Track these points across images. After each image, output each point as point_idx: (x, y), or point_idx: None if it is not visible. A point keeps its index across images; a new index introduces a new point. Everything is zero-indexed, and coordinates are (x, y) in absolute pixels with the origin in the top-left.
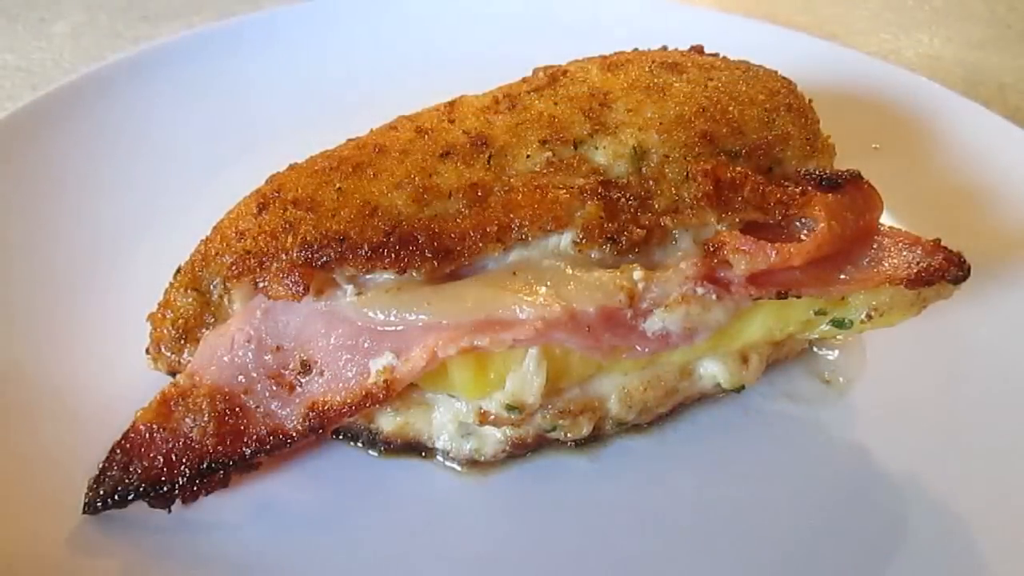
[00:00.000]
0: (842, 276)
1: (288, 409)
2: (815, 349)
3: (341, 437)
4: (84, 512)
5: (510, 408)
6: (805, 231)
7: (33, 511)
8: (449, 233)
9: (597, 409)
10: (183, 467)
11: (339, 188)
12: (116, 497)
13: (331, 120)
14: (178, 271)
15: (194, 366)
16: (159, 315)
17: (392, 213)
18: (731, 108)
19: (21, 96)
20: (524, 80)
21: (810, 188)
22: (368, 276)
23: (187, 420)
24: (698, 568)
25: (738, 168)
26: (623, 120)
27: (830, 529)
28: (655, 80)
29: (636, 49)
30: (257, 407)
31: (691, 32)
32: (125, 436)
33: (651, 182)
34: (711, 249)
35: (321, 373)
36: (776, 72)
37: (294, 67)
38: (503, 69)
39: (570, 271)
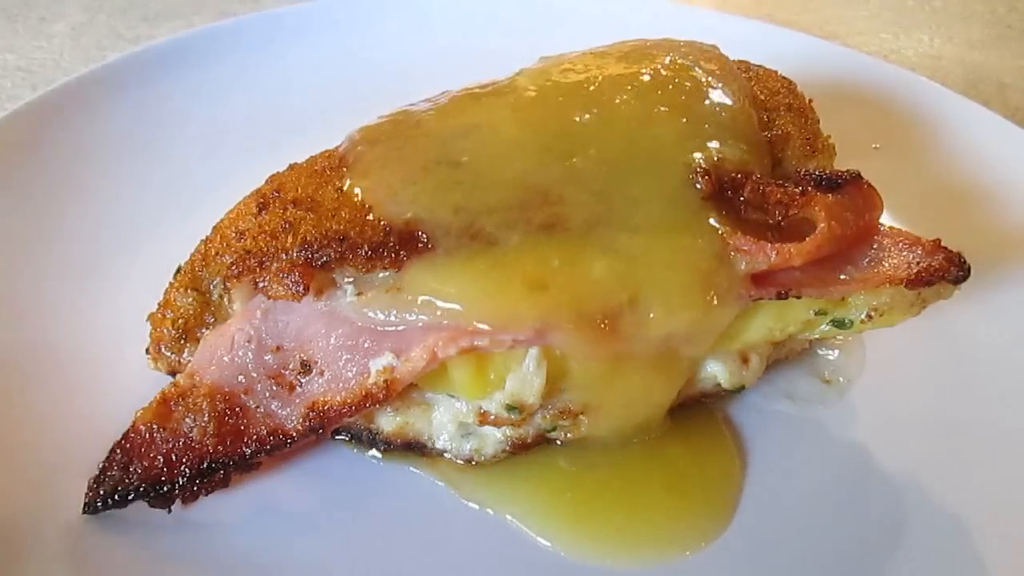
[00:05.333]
0: (842, 276)
1: (288, 409)
2: (815, 349)
3: (341, 437)
4: (84, 512)
5: (510, 408)
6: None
7: (33, 511)
8: None
9: None
10: (183, 467)
11: (339, 188)
12: (116, 497)
13: (331, 120)
14: (178, 271)
15: (194, 366)
16: (159, 315)
17: None
18: None
19: (21, 96)
20: None
21: (810, 188)
22: (368, 276)
23: (187, 420)
24: (697, 567)
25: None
26: None
27: (830, 529)
28: None
29: None
30: (257, 407)
31: (691, 32)
32: (125, 436)
33: None
34: None
35: (321, 373)
36: (776, 72)
37: (294, 67)
38: (503, 69)
39: None
